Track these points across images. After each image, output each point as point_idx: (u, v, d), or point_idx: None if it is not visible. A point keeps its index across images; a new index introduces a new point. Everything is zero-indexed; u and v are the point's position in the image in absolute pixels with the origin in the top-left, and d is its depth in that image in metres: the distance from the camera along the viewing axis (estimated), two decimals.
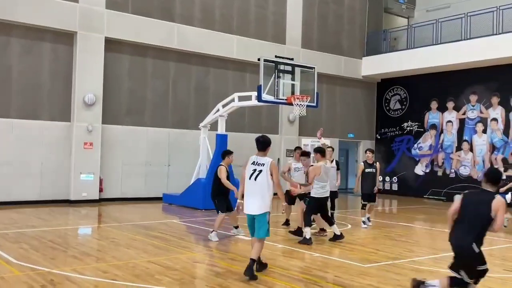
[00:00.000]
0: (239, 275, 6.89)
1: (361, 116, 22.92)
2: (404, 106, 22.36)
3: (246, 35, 18.93)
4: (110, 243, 9.13)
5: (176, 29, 17.24)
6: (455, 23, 19.59)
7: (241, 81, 18.79)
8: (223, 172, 9.75)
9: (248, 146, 18.08)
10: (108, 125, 16.14)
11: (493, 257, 8.98)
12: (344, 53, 21.90)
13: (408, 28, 22.16)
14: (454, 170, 20.18)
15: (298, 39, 20.48)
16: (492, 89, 19.16)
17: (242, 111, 17.75)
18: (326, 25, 21.49)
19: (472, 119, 19.87)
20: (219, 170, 9.81)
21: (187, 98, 17.83)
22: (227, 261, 7.88)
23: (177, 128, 17.42)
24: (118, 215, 13.49)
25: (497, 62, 18.33)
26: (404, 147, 22.14)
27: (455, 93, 20.35)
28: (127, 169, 16.46)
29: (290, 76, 13.95)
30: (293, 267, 7.53)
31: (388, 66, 21.51)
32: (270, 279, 6.72)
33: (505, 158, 18.73)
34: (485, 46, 18.07)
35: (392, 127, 22.73)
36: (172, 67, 17.51)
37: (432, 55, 19.72)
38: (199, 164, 15.64)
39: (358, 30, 22.53)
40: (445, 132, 20.73)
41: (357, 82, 22.57)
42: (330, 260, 8.05)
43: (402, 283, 6.73)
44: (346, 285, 6.57)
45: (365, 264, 7.83)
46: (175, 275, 6.83)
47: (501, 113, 18.94)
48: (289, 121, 20.21)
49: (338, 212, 15.57)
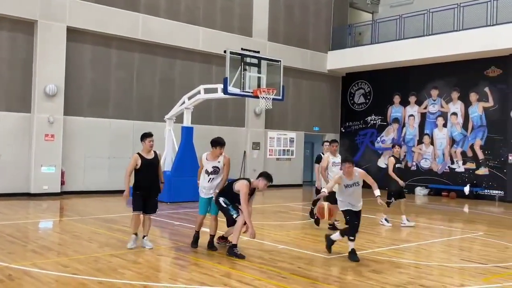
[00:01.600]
0: (204, 268, 6.89)
1: (326, 110, 23.17)
2: (368, 100, 22.73)
3: (212, 27, 18.81)
4: (72, 237, 8.96)
5: (140, 19, 16.96)
6: (417, 19, 20.00)
7: (207, 73, 18.67)
8: None
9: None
10: (70, 117, 15.77)
11: (451, 247, 9.28)
12: (310, 47, 22.05)
13: (373, 23, 22.49)
14: (415, 163, 20.67)
15: (264, 32, 20.49)
16: (452, 84, 19.69)
17: (208, 103, 17.66)
18: (292, 18, 21.57)
19: (433, 113, 20.37)
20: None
21: (152, 90, 17.60)
22: (191, 254, 7.85)
23: (142, 120, 17.18)
24: (80, 208, 13.23)
25: (457, 58, 18.83)
26: (367, 140, 22.53)
27: (417, 87, 20.81)
28: (90, 161, 16.15)
29: (257, 69, 13.98)
30: (257, 259, 7.57)
31: (352, 60, 21.79)
32: (234, 271, 6.75)
33: (464, 151, 19.31)
34: (446, 42, 18.54)
35: (356, 121, 23.08)
36: (137, 58, 17.23)
37: (396, 50, 20.08)
38: (164, 157, 15.48)
39: (324, 24, 22.71)
40: (407, 126, 21.19)
41: (322, 76, 22.78)
42: (295, 252, 8.14)
43: (364, 273, 6.87)
44: (309, 275, 6.66)
45: (328, 255, 7.95)
46: (138, 268, 6.76)
47: (460, 108, 19.49)
48: (256, 114, 20.24)
49: (305, 204, 15.75)
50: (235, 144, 19.64)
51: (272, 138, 21.22)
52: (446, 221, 12.94)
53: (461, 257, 8.38)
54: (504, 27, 17.12)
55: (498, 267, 7.53)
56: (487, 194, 18.38)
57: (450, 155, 19.70)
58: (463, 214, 15.09)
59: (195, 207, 12.04)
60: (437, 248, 9.10)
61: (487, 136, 18.67)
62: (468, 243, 9.74)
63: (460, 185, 18.86)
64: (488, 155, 18.54)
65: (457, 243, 9.82)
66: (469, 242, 9.87)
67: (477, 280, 6.76)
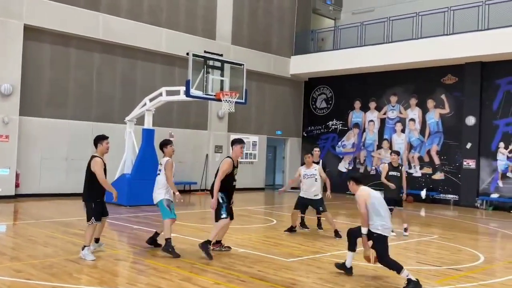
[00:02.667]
0: (163, 272, 6.80)
1: (289, 114, 23.35)
2: (330, 105, 23.05)
3: (175, 29, 18.67)
4: (26, 241, 8.68)
5: (101, 19, 16.66)
6: (378, 27, 20.45)
7: (169, 75, 18.51)
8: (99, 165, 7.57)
9: (176, 142, 17.98)
10: (26, 117, 15.31)
11: (407, 250, 9.50)
12: (273, 51, 22.20)
13: (335, 30, 22.84)
14: (374, 167, 21.09)
15: (228, 35, 20.49)
16: (410, 90, 20.21)
17: (170, 106, 17.51)
18: (256, 22, 21.67)
19: (392, 119, 20.85)
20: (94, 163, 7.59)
21: (112, 91, 17.29)
22: (150, 258, 7.74)
23: (101, 121, 16.84)
24: (35, 211, 12.84)
25: (415, 65, 19.36)
26: (329, 144, 22.83)
27: (377, 93, 21.26)
28: (47, 163, 15.71)
29: (220, 72, 13.97)
30: (217, 262, 7.53)
31: (315, 65, 22.06)
32: (193, 275, 6.69)
33: (421, 156, 19.84)
34: (405, 50, 19.02)
35: (318, 125, 23.37)
36: (97, 58, 16.90)
37: (357, 57, 20.46)
38: (124, 159, 15.26)
39: (287, 29, 22.91)
40: (367, 131, 21.60)
41: (285, 80, 22.95)
42: (254, 255, 8.14)
43: (322, 276, 6.94)
44: (268, 279, 6.68)
45: (288, 258, 8.00)
46: (95, 273, 6.61)
47: (418, 114, 20.03)
48: (218, 117, 20.19)
49: (266, 207, 15.81)
50: (197, 147, 19.56)
51: None
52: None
53: (417, 259, 8.58)
54: (460, 36, 17.72)
55: (451, 269, 7.76)
56: (443, 198, 18.94)
57: (408, 160, 20.20)
58: (419, 218, 15.48)
59: (155, 211, 11.91)
60: (394, 251, 9.25)
61: (443, 142, 19.26)
62: (424, 246, 9.99)
63: (417, 189, 19.36)
64: (444, 161, 19.11)
65: (413, 246, 10.06)
66: (425, 245, 10.13)
67: (431, 282, 6.94)
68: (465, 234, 11.74)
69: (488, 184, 17.95)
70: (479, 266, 8.16)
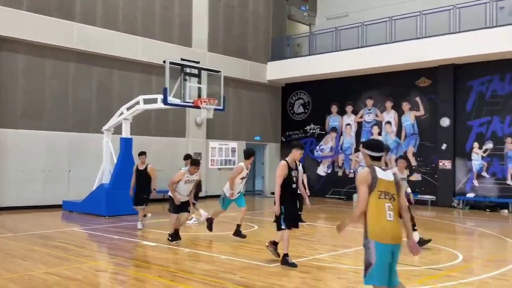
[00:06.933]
0: (144, 282, 6.75)
1: (267, 120, 23.44)
2: (307, 110, 23.22)
3: (151, 37, 18.60)
4: (5, 255, 8.50)
5: (76, 28, 16.49)
6: (352, 31, 20.73)
7: (146, 84, 18.41)
8: None
9: (154, 150, 17.92)
10: (1, 129, 15.03)
11: None
12: (250, 57, 22.29)
13: (310, 35, 23.06)
14: (353, 170, 21.30)
15: (204, 42, 20.50)
16: (386, 94, 20.51)
17: (147, 114, 17.40)
18: (232, 29, 21.74)
19: (368, 122, 21.12)
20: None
21: (89, 101, 17.11)
22: (131, 268, 7.67)
23: (78, 131, 16.65)
24: (13, 224, 12.59)
25: (390, 69, 19.66)
26: (307, 149, 22.96)
27: (353, 97, 21.51)
28: (23, 175, 15.42)
29: (197, 79, 13.95)
30: (199, 270, 7.51)
31: (291, 71, 22.22)
32: (175, 284, 6.66)
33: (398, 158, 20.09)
34: (379, 54, 19.30)
35: (296, 130, 23.51)
36: (72, 68, 16.72)
37: (332, 61, 20.68)
38: (102, 169, 15.08)
39: (263, 36, 23.03)
40: (344, 135, 21.82)
41: (262, 86, 23.05)
42: (237, 262, 8.14)
43: (305, 280, 6.98)
44: (251, 285, 6.68)
45: (271, 264, 8.01)
46: (75, 285, 6.52)
47: (394, 117, 20.33)
48: (197, 124, 20.15)
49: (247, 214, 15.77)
50: (175, 155, 19.42)
51: (214, 148, 21.19)
52: None
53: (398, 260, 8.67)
54: (433, 39, 18.07)
55: (431, 269, 7.88)
56: (420, 199, 19.22)
57: (386, 162, 20.45)
58: None
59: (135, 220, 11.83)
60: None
61: (419, 143, 19.57)
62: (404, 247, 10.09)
63: None
64: (421, 162, 19.42)
65: None
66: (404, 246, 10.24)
67: (412, 282, 7.03)
68: (443, 234, 11.93)
69: (464, 184, 18.30)
70: (458, 265, 8.31)
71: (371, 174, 4.52)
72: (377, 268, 4.43)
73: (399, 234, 4.53)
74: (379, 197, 4.47)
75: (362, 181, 4.50)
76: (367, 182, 4.49)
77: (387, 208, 4.46)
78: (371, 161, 4.66)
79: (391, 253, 4.52)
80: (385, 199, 4.47)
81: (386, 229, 4.47)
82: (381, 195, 4.47)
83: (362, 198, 4.48)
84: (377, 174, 4.52)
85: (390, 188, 4.53)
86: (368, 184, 4.48)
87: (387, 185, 4.53)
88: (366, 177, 4.50)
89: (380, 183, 4.49)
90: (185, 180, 9.61)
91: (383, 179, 4.52)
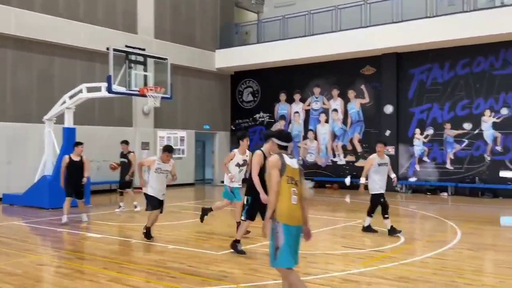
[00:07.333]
0: (89, 274, 6.60)
1: (216, 108, 23.32)
2: (256, 98, 23.28)
3: (94, 23, 17.99)
4: None
5: (13, 13, 15.71)
6: (299, 20, 20.88)
7: (90, 71, 17.83)
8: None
9: (99, 140, 17.46)
10: None
11: (334, 236, 9.86)
12: (198, 45, 22.03)
13: (258, 23, 23.05)
14: (301, 157, 21.61)
15: (150, 29, 20.06)
16: (332, 82, 20.86)
17: (91, 103, 16.89)
18: (179, 16, 21.38)
19: (316, 110, 21.43)
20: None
21: (29, 89, 16.40)
22: (76, 261, 7.48)
23: (18, 121, 15.93)
24: None
25: (336, 57, 19.98)
26: (257, 137, 23.06)
27: (301, 85, 21.74)
28: None
29: (143, 67, 13.67)
30: (146, 261, 7.42)
31: (240, 59, 22.16)
32: (121, 275, 6.54)
33: (344, 145, 20.58)
34: (325, 42, 19.57)
35: (246, 118, 23.54)
36: (10, 55, 15.95)
37: (280, 49, 20.78)
38: (44, 161, 14.54)
39: (211, 23, 22.81)
40: (293, 123, 22.06)
41: (211, 74, 22.88)
42: (185, 251, 8.09)
43: (253, 266, 7.03)
44: (200, 273, 6.67)
45: (219, 251, 8.02)
46: (15, 280, 6.28)
47: (340, 104, 20.73)
48: (144, 113, 19.77)
49: (196, 203, 15.72)
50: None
51: (162, 138, 20.89)
52: (330, 211, 13.70)
53: (343, 244, 8.93)
54: (376, 28, 18.50)
55: (375, 251, 8.15)
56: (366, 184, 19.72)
57: (332, 149, 20.88)
58: (345, 204, 16.10)
59: (78, 212, 11.50)
60: (322, 237, 9.60)
61: (364, 130, 20.08)
62: (350, 231, 10.40)
63: (342, 176, 20.01)
64: (366, 148, 19.93)
65: (340, 232, 10.45)
66: (350, 229, 10.55)
67: (357, 264, 7.25)
68: None
69: (406, 168, 18.98)
70: (400, 246, 8.63)
71: (280, 160, 4.84)
72: (285, 250, 4.70)
73: (301, 216, 4.87)
74: (288, 182, 4.81)
75: (274, 166, 4.80)
76: (278, 167, 4.80)
77: (292, 193, 4.80)
78: (279, 150, 5.00)
79: (296, 234, 4.84)
80: (291, 184, 4.83)
81: (293, 211, 4.79)
82: (288, 180, 4.82)
83: (275, 181, 4.76)
84: (285, 161, 4.85)
85: (295, 174, 4.89)
86: (279, 168, 4.79)
87: (293, 171, 4.88)
88: (277, 162, 4.81)
89: (288, 169, 4.83)
90: (155, 168, 8.72)
91: (290, 166, 4.87)
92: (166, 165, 8.86)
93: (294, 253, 4.80)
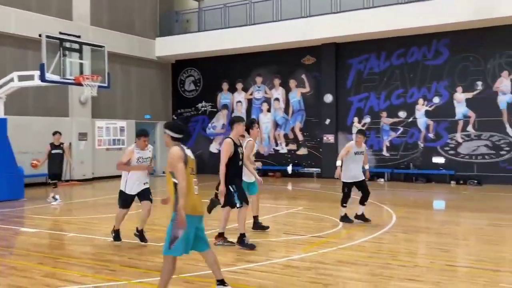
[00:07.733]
0: (23, 270, 6.34)
1: (157, 97, 22.91)
2: (198, 87, 23.08)
3: (26, 9, 17.12)
4: None
5: None
6: (241, 9, 20.83)
7: (21, 59, 16.97)
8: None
9: (33, 130, 16.72)
10: None
11: (277, 224, 9.99)
12: (137, 32, 21.49)
13: (199, 11, 22.79)
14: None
15: (86, 15, 19.34)
16: (274, 71, 21.02)
17: (24, 92, 16.13)
18: (116, 2, 20.72)
19: (258, 99, 21.55)
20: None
21: None
22: (9, 257, 7.16)
23: None
24: None
25: (277, 47, 20.13)
26: (199, 127, 22.92)
27: (243, 75, 21.76)
28: None
29: (78, 54, 13.23)
30: (85, 254, 7.23)
31: (181, 47, 21.85)
32: (57, 270, 6.33)
33: (286, 134, 20.86)
34: (266, 32, 19.66)
35: (188, 108, 23.30)
36: None
37: (221, 38, 20.67)
38: None
39: (150, 10, 22.29)
40: (235, 112, 22.06)
41: (151, 63, 22.42)
42: (126, 244, 7.94)
43: (194, 256, 7.00)
44: (140, 265, 6.58)
45: (160, 243, 7.91)
46: None
47: (282, 94, 20.95)
48: (81, 102, 19.09)
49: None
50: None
51: (101, 128, 20.30)
52: (272, 199, 13.85)
53: (285, 231, 9.07)
54: (316, 19, 18.79)
55: (315, 237, 8.34)
56: (307, 172, 20.17)
57: (275, 137, 21.11)
58: (287, 192, 16.34)
59: (10, 207, 11.02)
60: (265, 224, 9.69)
61: (305, 119, 20.42)
62: (291, 218, 10.59)
63: (284, 165, 20.36)
64: (307, 137, 20.30)
65: (282, 219, 10.60)
66: (292, 217, 10.74)
67: (297, 250, 7.40)
68: (326, 203, 12.67)
69: None
70: (338, 231, 8.89)
71: (183, 152, 4.85)
72: (183, 240, 4.79)
73: (202, 206, 5.04)
74: (191, 173, 4.89)
75: (179, 158, 4.77)
76: (182, 159, 4.78)
77: (194, 183, 4.93)
78: (173, 142, 4.98)
79: (198, 223, 4.97)
80: (192, 174, 4.94)
81: (196, 202, 4.90)
82: (191, 172, 4.91)
83: (183, 174, 4.73)
84: (186, 152, 4.89)
85: (193, 165, 5.01)
86: (183, 160, 4.79)
87: (192, 162, 4.98)
88: (181, 155, 4.81)
89: (189, 160, 4.90)
90: (136, 158, 7.87)
91: (190, 157, 4.95)
92: (146, 151, 8.00)
93: (189, 243, 4.88)
